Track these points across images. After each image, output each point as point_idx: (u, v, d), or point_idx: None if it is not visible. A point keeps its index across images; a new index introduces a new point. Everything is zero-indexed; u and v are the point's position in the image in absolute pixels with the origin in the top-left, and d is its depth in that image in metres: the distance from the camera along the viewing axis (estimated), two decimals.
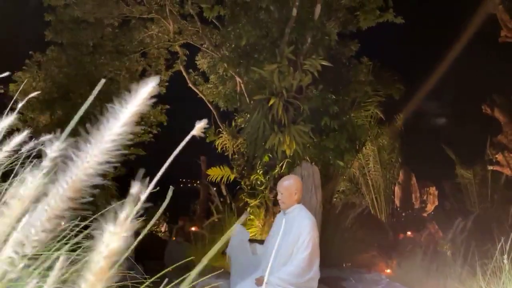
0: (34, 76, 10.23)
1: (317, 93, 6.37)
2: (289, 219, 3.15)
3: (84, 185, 0.44)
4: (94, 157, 0.44)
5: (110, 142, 0.45)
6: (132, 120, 0.46)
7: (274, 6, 6.53)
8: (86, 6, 9.37)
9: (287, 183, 3.24)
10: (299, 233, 3.03)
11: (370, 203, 11.19)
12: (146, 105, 0.48)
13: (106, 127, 0.45)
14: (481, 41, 11.82)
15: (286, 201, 3.19)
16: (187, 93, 10.52)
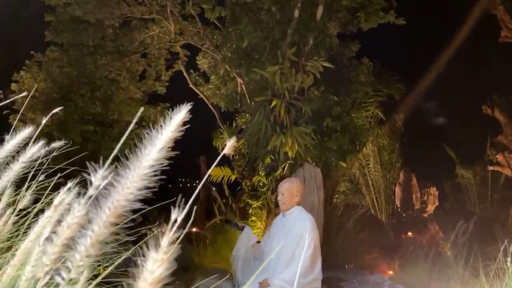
0: (35, 76, 10.21)
1: (319, 95, 6.37)
2: (289, 220, 3.15)
3: (125, 210, 0.45)
4: (134, 183, 0.45)
5: (148, 168, 0.46)
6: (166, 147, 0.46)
7: (276, 7, 6.53)
8: (87, 6, 9.35)
9: (288, 184, 3.25)
10: (300, 234, 3.04)
11: (370, 203, 11.20)
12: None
13: (144, 153, 0.46)
14: (481, 41, 11.84)
15: (287, 202, 3.20)
16: (187, 94, 10.52)
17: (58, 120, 9.90)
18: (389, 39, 11.07)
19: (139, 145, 0.52)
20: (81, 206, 0.46)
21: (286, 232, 3.14)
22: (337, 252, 5.19)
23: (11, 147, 1.16)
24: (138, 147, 0.46)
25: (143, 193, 0.46)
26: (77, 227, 0.45)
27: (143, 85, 10.80)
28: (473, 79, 12.93)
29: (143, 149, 0.47)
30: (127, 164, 0.47)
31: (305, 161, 5.72)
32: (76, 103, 9.73)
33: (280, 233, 3.19)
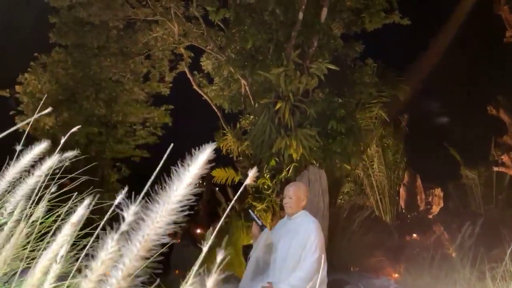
0: (39, 78, 10.26)
1: (323, 97, 6.36)
2: (295, 224, 3.15)
3: (154, 244, 0.46)
4: (163, 217, 0.46)
5: (177, 203, 0.46)
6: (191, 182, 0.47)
7: (280, 9, 6.52)
8: (91, 8, 9.38)
9: (296, 188, 3.24)
10: (306, 237, 3.04)
11: (374, 204, 11.17)
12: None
13: (172, 189, 0.47)
14: (486, 41, 11.78)
15: (294, 206, 3.20)
16: (191, 95, 10.54)
17: (63, 122, 9.95)
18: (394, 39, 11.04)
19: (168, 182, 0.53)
20: (114, 242, 0.47)
21: (291, 236, 3.14)
22: (342, 255, 5.18)
23: (26, 161, 1.16)
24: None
25: (172, 227, 0.48)
26: (111, 263, 0.46)
27: (147, 87, 10.83)
28: (478, 79, 12.87)
29: (171, 184, 0.48)
30: (156, 199, 0.48)
31: (309, 164, 5.71)
32: (81, 105, 9.77)
33: (286, 236, 3.19)
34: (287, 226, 3.23)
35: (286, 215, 3.29)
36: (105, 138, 10.33)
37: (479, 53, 12.04)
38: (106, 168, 10.61)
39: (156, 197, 0.48)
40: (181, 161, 0.52)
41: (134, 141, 10.98)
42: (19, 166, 1.13)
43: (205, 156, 0.48)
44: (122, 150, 10.80)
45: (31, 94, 10.17)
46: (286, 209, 3.21)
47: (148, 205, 0.53)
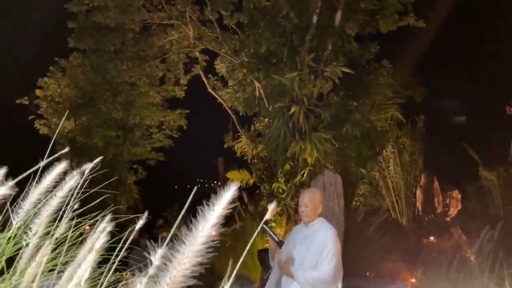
0: (58, 82, 10.50)
1: (338, 100, 6.35)
2: (311, 231, 3.14)
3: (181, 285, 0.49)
4: (189, 258, 0.48)
5: (202, 244, 0.49)
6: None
7: (294, 12, 6.53)
8: (108, 12, 9.56)
9: (312, 196, 3.23)
10: (323, 245, 3.04)
11: (390, 206, 11.07)
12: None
13: (197, 229, 0.50)
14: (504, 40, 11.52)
15: (311, 214, 3.19)
16: (206, 98, 10.64)
17: (82, 125, 10.17)
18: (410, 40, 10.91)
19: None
20: (143, 286, 0.51)
21: (308, 243, 3.14)
22: (358, 259, 5.16)
23: (49, 182, 1.21)
24: None
25: (198, 268, 0.51)
26: None
27: (163, 90, 10.98)
28: (496, 79, 12.61)
29: (196, 225, 0.51)
30: (182, 240, 0.51)
31: (324, 168, 5.71)
32: (99, 108, 9.98)
33: (302, 243, 3.19)
34: (303, 233, 3.23)
35: (302, 222, 3.30)
36: (122, 141, 10.51)
37: (499, 51, 11.79)
38: (123, 170, 10.80)
39: (182, 236, 0.51)
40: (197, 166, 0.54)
41: (150, 144, 11.15)
42: (42, 187, 1.19)
43: (230, 195, 0.51)
44: (138, 152, 10.98)
45: (51, 98, 10.41)
46: (303, 217, 3.21)
47: (175, 245, 0.57)
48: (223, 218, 0.61)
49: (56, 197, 1.16)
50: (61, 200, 1.18)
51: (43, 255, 1.16)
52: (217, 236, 2.04)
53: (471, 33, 11.84)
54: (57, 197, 1.17)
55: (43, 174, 1.24)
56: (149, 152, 11.18)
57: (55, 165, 1.24)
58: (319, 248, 3.03)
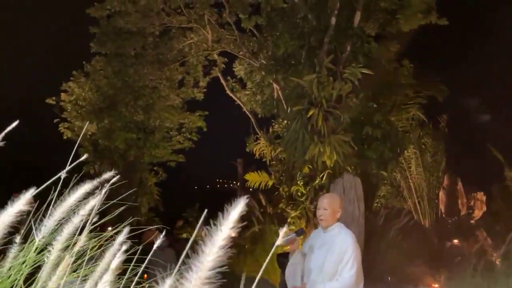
0: (82, 86, 10.77)
1: (358, 102, 6.27)
2: (330, 236, 3.11)
3: None
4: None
5: (209, 269, 0.50)
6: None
7: (312, 14, 6.49)
8: (129, 17, 9.75)
9: (331, 200, 3.19)
10: (343, 251, 3.00)
11: (412, 207, 10.86)
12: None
13: (205, 252, 0.50)
14: None
15: (329, 219, 3.15)
16: (224, 100, 10.71)
17: (104, 128, 10.39)
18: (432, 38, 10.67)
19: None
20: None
21: (327, 248, 3.10)
22: (379, 263, 5.09)
23: (73, 201, 1.25)
24: None
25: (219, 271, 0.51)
26: None
27: (182, 93, 11.12)
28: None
29: (203, 247, 0.52)
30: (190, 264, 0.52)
31: (344, 171, 5.65)
32: (120, 112, 10.17)
33: (321, 248, 3.16)
34: (321, 237, 3.20)
35: (320, 226, 3.27)
36: (142, 143, 10.69)
37: None
38: (144, 172, 10.98)
39: (190, 261, 0.51)
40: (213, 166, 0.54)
41: (171, 146, 11.30)
42: (66, 205, 1.22)
43: (236, 213, 0.52)
44: (159, 155, 11.14)
45: (75, 102, 10.68)
46: (321, 221, 3.18)
47: (183, 271, 0.58)
48: (241, 221, 0.62)
49: (78, 215, 1.20)
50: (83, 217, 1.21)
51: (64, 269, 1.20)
52: (236, 238, 2.07)
53: (496, 31, 11.50)
54: (79, 215, 1.20)
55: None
56: (169, 154, 11.34)
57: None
58: (338, 254, 3.00)
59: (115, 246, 1.32)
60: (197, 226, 1.62)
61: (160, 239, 3.55)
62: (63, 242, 1.19)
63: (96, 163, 10.95)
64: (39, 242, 1.19)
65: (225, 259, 0.54)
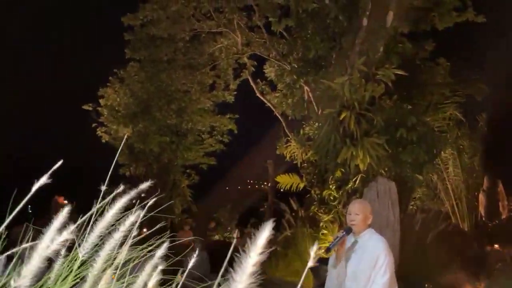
0: (117, 91, 11.16)
1: (391, 104, 6.13)
2: (361, 242, 3.06)
3: None
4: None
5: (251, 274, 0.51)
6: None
7: (343, 15, 6.41)
8: (161, 24, 10.03)
9: (362, 205, 3.13)
10: (376, 257, 2.95)
11: (450, 210, 10.49)
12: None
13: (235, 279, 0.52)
14: None
15: (360, 224, 3.08)
16: (255, 101, 10.77)
17: (139, 132, 10.72)
18: (469, 36, 10.25)
19: None
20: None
21: (359, 255, 3.06)
22: (415, 270, 4.95)
23: (111, 216, 1.30)
24: None
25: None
26: None
27: (213, 96, 11.30)
28: None
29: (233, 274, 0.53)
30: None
31: (378, 174, 5.54)
32: (154, 116, 10.47)
33: (353, 256, 3.12)
34: (352, 244, 3.17)
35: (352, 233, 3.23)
36: (175, 146, 10.95)
37: None
38: (177, 174, 11.24)
39: None
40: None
41: (203, 149, 11.50)
42: (106, 221, 1.27)
43: (266, 236, 0.52)
44: (191, 157, 11.37)
45: (111, 107, 11.09)
46: (352, 227, 3.15)
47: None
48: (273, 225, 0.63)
49: (118, 232, 1.24)
50: (123, 233, 1.26)
51: (106, 283, 1.26)
52: (268, 242, 2.07)
53: None
54: (119, 231, 1.25)
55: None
56: (201, 157, 11.54)
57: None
58: (371, 260, 2.95)
59: (154, 259, 1.37)
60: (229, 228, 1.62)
61: (195, 243, 3.68)
62: (105, 257, 1.25)
63: (132, 165, 11.32)
64: (83, 257, 1.25)
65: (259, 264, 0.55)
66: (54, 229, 1.05)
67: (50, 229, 1.05)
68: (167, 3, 9.66)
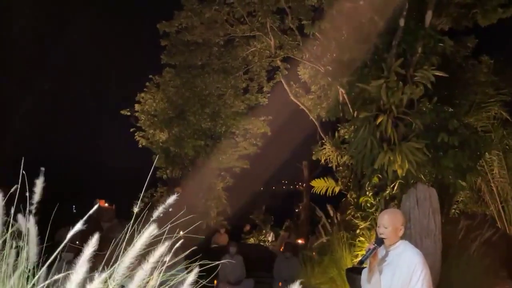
0: (154, 97, 11.47)
1: (431, 106, 5.88)
2: (394, 255, 2.94)
3: None
4: None
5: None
6: None
7: (378, 16, 6.23)
8: (195, 30, 10.22)
9: (392, 217, 3.00)
10: (411, 271, 2.83)
11: (496, 214, 9.97)
12: None
13: None
14: None
15: (391, 237, 2.96)
16: (289, 105, 10.72)
17: (174, 136, 10.97)
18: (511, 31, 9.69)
19: None
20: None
21: (393, 268, 2.94)
22: (458, 282, 4.73)
23: (140, 246, 1.32)
24: None
25: None
26: None
27: (247, 99, 11.38)
28: None
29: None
30: None
31: (417, 181, 5.34)
32: (189, 120, 10.68)
33: (387, 268, 3.01)
34: (385, 257, 3.06)
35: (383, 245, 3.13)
36: (210, 149, 11.11)
37: None
38: (212, 177, 11.40)
39: None
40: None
41: (237, 152, 11.60)
42: (135, 250, 1.29)
43: None
44: (225, 160, 11.50)
45: (148, 112, 11.42)
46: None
47: None
48: (309, 231, 0.61)
49: (148, 263, 1.27)
50: (153, 264, 1.28)
51: None
52: (303, 248, 2.09)
53: None
54: (149, 262, 1.27)
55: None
56: (235, 160, 11.64)
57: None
58: (406, 274, 2.84)
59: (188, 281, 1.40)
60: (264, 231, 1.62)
61: (231, 247, 3.74)
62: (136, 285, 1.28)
63: (168, 168, 11.61)
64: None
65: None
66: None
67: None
68: (201, 10, 9.82)
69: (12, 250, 1.53)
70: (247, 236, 11.38)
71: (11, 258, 1.52)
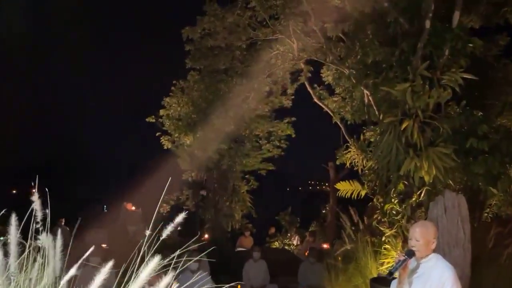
0: (179, 101, 11.66)
1: (460, 110, 5.68)
2: (425, 269, 2.87)
3: None
4: None
5: None
6: None
7: (404, 17, 6.07)
8: (218, 35, 10.30)
9: (424, 230, 2.93)
10: (442, 285, 2.76)
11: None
12: None
13: None
14: None
15: (422, 250, 2.89)
16: (312, 107, 10.63)
17: (199, 140, 11.11)
18: None
19: None
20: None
21: (423, 282, 2.88)
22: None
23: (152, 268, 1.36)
24: None
25: None
26: None
27: (270, 102, 11.37)
28: None
29: None
30: None
31: (445, 188, 5.17)
32: (213, 124, 10.78)
33: (417, 281, 2.94)
34: (416, 269, 2.99)
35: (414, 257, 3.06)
36: (234, 152, 11.18)
37: None
38: (237, 180, 11.47)
39: None
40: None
41: (261, 155, 11.62)
42: (141, 279, 1.32)
43: None
44: (250, 163, 11.54)
45: (173, 116, 11.63)
46: None
47: None
48: (333, 238, 0.60)
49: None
50: None
51: None
52: (328, 255, 2.09)
53: None
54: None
55: None
56: (259, 163, 11.66)
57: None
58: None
59: None
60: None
61: (255, 252, 3.77)
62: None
63: (193, 171, 11.78)
64: None
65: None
66: None
67: None
68: (223, 15, 9.89)
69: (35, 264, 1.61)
70: (272, 240, 11.36)
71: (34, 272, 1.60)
